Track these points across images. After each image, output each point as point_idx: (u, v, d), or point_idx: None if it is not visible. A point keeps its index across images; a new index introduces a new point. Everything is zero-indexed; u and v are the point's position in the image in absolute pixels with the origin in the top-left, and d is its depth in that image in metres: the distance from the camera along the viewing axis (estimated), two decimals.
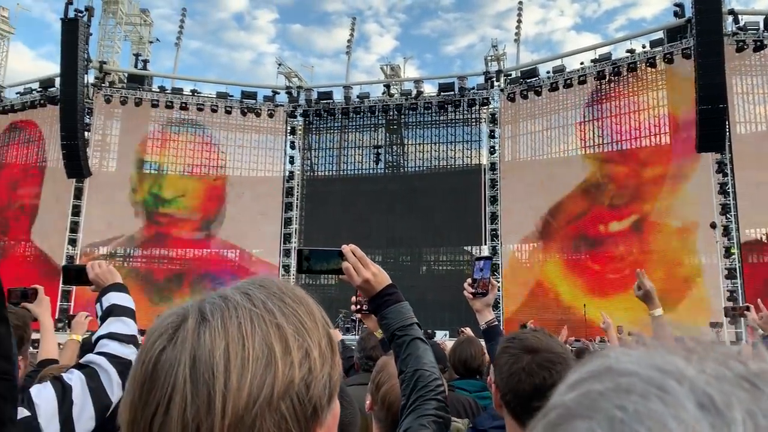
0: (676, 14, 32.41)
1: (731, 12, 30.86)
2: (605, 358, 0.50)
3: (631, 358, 0.48)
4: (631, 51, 33.74)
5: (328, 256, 2.09)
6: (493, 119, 37.68)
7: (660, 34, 33.46)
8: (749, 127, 31.04)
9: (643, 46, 33.58)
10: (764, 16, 30.93)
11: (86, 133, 36.79)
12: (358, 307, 3.17)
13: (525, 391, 1.91)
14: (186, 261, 39.25)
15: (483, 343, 3.84)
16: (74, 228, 37.35)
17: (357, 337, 10.77)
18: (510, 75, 37.77)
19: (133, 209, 38.87)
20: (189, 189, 39.85)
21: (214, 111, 39.77)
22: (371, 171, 40.44)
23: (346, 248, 2.05)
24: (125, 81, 40.26)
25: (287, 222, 39.13)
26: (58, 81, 36.44)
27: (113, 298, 2.45)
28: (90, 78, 37.44)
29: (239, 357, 0.75)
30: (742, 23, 30.99)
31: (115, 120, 39.83)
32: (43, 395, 1.90)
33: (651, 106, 33.29)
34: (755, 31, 30.55)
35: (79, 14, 34.24)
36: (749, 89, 31.08)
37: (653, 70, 32.93)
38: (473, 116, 38.61)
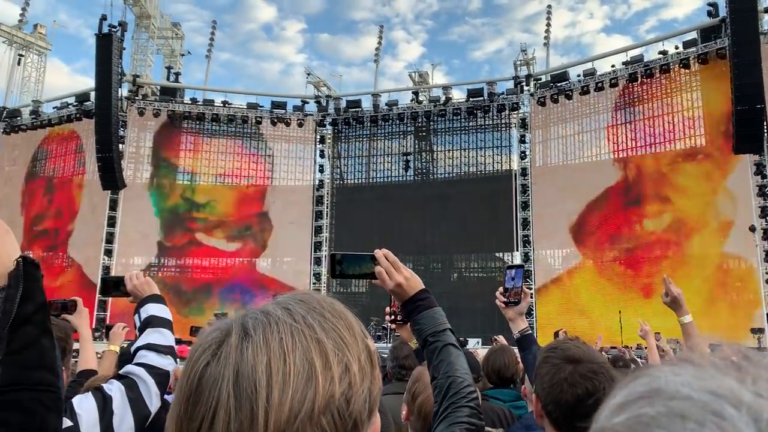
0: (710, 14, 31.82)
1: (767, 10, 30.19)
2: (653, 378, 0.46)
3: (681, 379, 0.45)
4: (663, 52, 33.20)
5: (360, 260, 2.09)
6: (523, 124, 37.42)
7: (693, 35, 32.85)
8: None
9: (676, 47, 33.00)
10: None
11: (120, 146, 37.58)
12: (393, 317, 3.11)
13: (567, 402, 1.89)
14: (217, 270, 39.71)
15: (517, 351, 3.79)
16: (110, 239, 38.14)
17: (389, 345, 10.74)
18: (540, 79, 37.51)
19: (166, 219, 39.54)
20: (220, 198, 40.39)
21: (244, 121, 40.30)
22: (401, 178, 40.46)
23: (379, 252, 2.04)
24: (158, 93, 41.07)
25: (318, 230, 39.36)
26: (93, 95, 37.35)
27: (151, 309, 2.48)
28: (124, 91, 38.28)
29: (281, 372, 0.76)
30: None
31: (148, 132, 40.64)
32: (85, 406, 1.93)
33: (685, 107, 32.68)
34: None
35: (113, 29, 35.05)
36: None
37: (687, 71, 32.34)
38: (503, 121, 38.39)
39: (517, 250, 36.01)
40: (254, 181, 40.86)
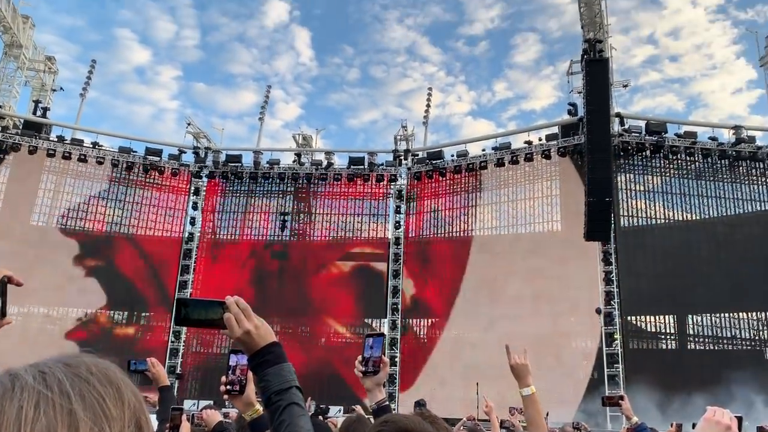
0: (570, 112, 35.18)
1: (618, 115, 33.94)
2: None
3: None
4: (528, 142, 36.05)
5: (208, 306, 1.93)
6: (399, 195, 38.65)
7: (555, 129, 36.09)
8: (631, 221, 33.60)
9: (540, 139, 36.03)
10: (645, 122, 34.34)
11: None
12: (228, 387, 2.61)
13: None
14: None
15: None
16: None
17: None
18: (417, 155, 39.22)
19: (14, 262, 36.14)
20: (79, 244, 37.60)
21: (114, 165, 38.33)
22: (276, 237, 39.97)
23: (230, 298, 1.89)
24: (20, 127, 38.21)
25: (182, 285, 37.51)
26: None
27: None
28: None
29: None
30: (627, 126, 34.09)
31: (5, 167, 37.46)
32: None
33: (545, 194, 35.41)
34: (638, 134, 33.70)
35: None
36: (632, 185, 33.86)
37: (548, 161, 35.25)
38: (381, 191, 39.42)
39: (386, 318, 36.39)
40: (117, 228, 38.51)
